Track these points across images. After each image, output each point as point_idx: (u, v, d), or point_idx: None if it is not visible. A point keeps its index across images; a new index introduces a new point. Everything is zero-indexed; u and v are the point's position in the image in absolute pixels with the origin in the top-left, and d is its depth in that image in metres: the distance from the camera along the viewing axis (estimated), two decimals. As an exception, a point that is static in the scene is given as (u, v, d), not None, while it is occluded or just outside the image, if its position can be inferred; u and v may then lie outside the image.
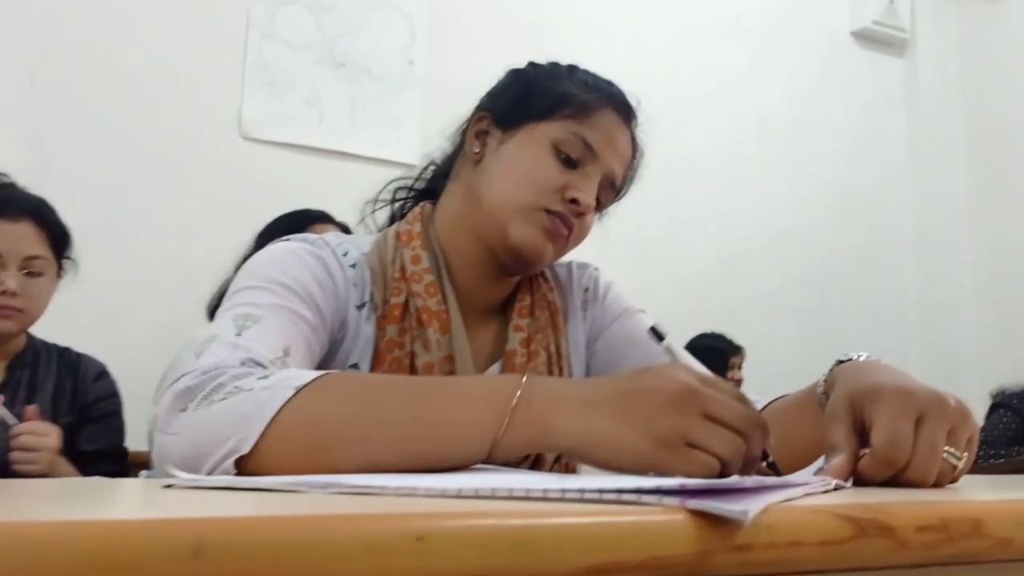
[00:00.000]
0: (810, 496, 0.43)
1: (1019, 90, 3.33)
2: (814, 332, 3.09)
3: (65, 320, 1.97)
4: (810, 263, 3.18)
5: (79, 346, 1.59)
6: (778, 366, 2.71)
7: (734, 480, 0.35)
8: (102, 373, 1.53)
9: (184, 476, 0.46)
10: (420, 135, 2.55)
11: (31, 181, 1.60)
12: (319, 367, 0.80)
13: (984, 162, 3.41)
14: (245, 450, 0.56)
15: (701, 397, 0.54)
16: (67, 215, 2.12)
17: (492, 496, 0.36)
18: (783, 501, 0.37)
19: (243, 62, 2.45)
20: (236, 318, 0.73)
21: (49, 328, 1.58)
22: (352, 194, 1.08)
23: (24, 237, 1.41)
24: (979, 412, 2.62)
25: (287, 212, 1.83)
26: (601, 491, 0.35)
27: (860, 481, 0.55)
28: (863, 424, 0.58)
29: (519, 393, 0.56)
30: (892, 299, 3.35)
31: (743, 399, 0.56)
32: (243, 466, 0.57)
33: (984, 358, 3.27)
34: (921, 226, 3.43)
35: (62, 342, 1.57)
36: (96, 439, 1.45)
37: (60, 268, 1.49)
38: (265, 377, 0.61)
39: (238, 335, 0.70)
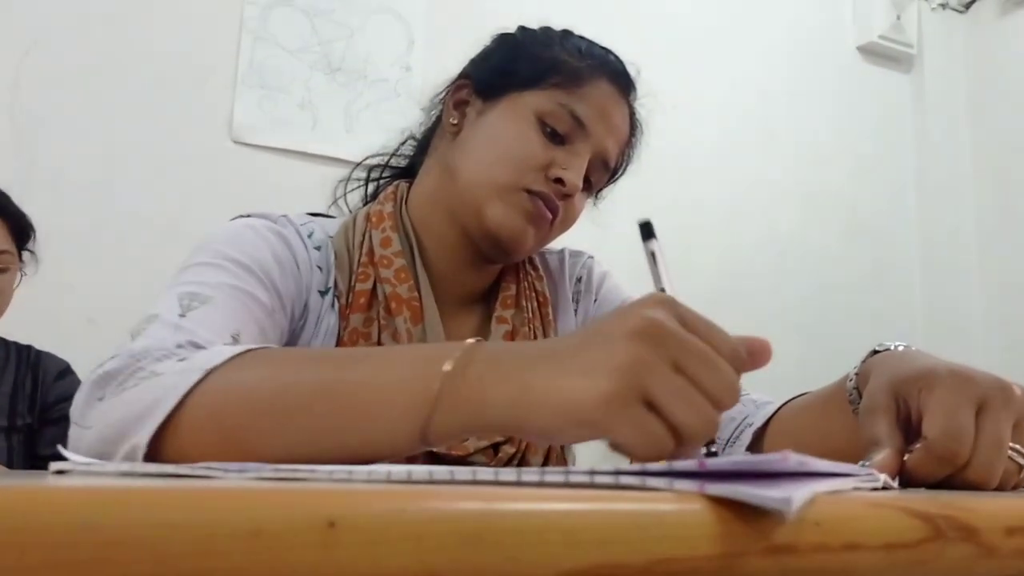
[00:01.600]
0: (859, 490, 0.34)
1: (1029, 107, 3.26)
2: (818, 351, 3.00)
3: (48, 326, 1.89)
4: (814, 280, 3.10)
5: (62, 353, 1.51)
6: (781, 386, 2.61)
7: (770, 458, 0.26)
8: (65, 371, 1.43)
9: (78, 459, 0.37)
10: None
11: (15, 184, 1.53)
12: None
13: (992, 178, 3.34)
14: (143, 444, 0.48)
15: (673, 339, 0.40)
16: (52, 219, 2.04)
17: (450, 481, 0.28)
18: (832, 492, 0.29)
19: (235, 65, 2.39)
20: (182, 296, 0.64)
21: (31, 334, 1.50)
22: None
23: None
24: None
25: None
26: (592, 473, 0.26)
27: (908, 482, 0.46)
28: (907, 418, 0.49)
29: (455, 358, 0.44)
30: (898, 317, 3.26)
31: (734, 352, 0.43)
32: (156, 460, 0.49)
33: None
34: (927, 243, 3.35)
35: (45, 348, 1.49)
36: (57, 442, 1.34)
37: (20, 261, 1.40)
38: (184, 359, 0.52)
39: (182, 316, 0.61)
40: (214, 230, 0.74)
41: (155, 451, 0.49)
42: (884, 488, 0.40)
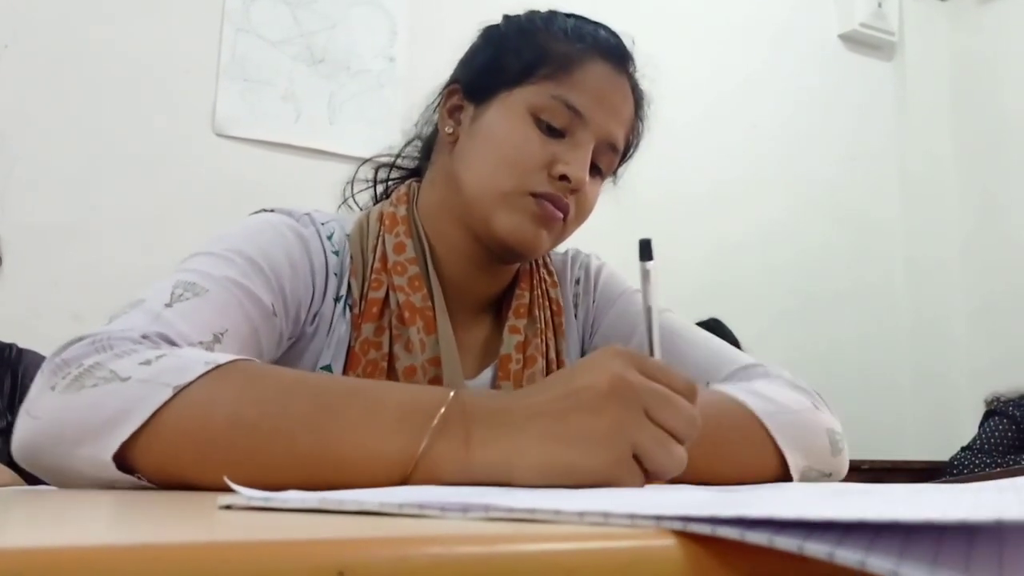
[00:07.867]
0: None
1: (1008, 92, 3.29)
2: (804, 336, 3.03)
3: (32, 323, 1.87)
4: (800, 266, 3.12)
5: (46, 350, 1.49)
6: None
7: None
8: None
9: (251, 493, 0.33)
10: (400, 134, 2.47)
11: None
12: (280, 364, 0.69)
13: (973, 164, 3.37)
14: (109, 459, 0.48)
15: (640, 390, 0.47)
16: (33, 215, 2.03)
17: (486, 515, 0.27)
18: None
19: (217, 56, 2.36)
20: (177, 284, 0.61)
21: (16, 331, 1.48)
22: (330, 194, 1.00)
23: None
24: (970, 418, 2.55)
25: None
26: (659, 518, 0.25)
27: None
28: None
29: (441, 412, 0.47)
30: (881, 301, 3.29)
31: (689, 391, 0.50)
32: (123, 466, 0.49)
33: (974, 360, 3.21)
34: (911, 229, 3.37)
35: (28, 345, 1.47)
36: None
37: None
38: (148, 363, 0.50)
39: (168, 305, 0.59)
40: (235, 224, 0.73)
41: (119, 462, 0.48)
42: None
